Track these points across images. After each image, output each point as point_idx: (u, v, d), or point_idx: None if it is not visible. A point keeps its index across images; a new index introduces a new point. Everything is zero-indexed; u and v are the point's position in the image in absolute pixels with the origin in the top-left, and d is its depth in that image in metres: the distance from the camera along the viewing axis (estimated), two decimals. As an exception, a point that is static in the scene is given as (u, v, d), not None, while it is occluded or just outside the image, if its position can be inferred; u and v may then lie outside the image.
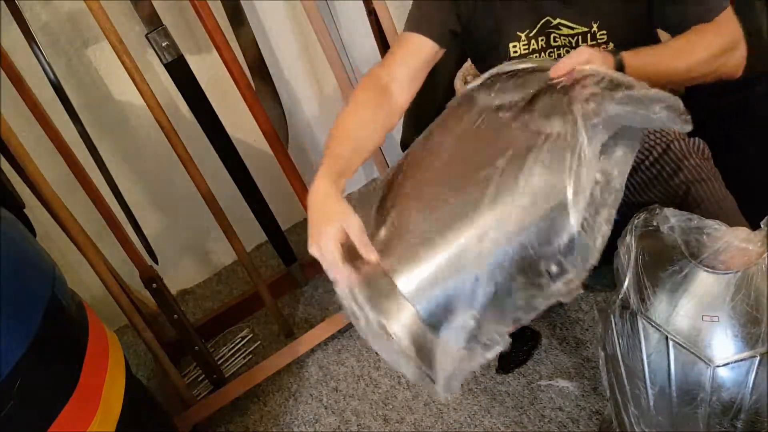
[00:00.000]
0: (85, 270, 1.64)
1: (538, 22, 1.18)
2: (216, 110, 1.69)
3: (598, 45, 1.18)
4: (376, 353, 1.11)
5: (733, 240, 1.00)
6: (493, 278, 0.94)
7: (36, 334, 1.04)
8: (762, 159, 1.35)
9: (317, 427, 1.69)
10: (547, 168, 0.92)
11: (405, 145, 1.49)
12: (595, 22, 1.16)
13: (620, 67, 1.00)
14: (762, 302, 0.96)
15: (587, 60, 0.98)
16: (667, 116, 0.89)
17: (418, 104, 1.38)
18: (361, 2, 1.75)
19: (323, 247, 0.97)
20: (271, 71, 1.85)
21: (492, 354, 0.96)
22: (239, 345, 1.98)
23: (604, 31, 1.16)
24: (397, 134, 1.52)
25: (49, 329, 1.07)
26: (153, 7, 1.52)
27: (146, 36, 1.52)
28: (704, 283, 0.99)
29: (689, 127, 0.91)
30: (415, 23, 1.20)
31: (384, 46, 1.76)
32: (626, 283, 1.07)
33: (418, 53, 1.19)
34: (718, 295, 0.98)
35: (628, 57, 1.02)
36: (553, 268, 0.93)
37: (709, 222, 1.04)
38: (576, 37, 1.18)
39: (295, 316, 2.02)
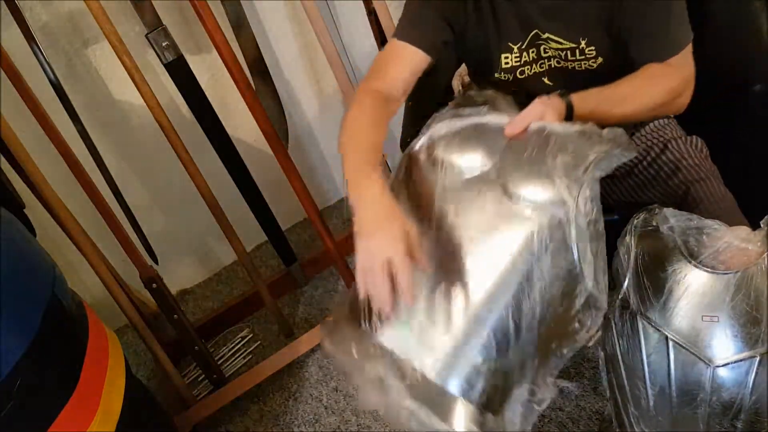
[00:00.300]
0: (85, 270, 1.64)
1: (528, 35, 1.18)
2: (216, 110, 1.70)
3: (587, 60, 1.18)
4: None
5: (733, 240, 1.00)
6: (533, 355, 0.97)
7: (36, 334, 1.04)
8: (761, 158, 1.35)
9: (317, 427, 1.69)
10: (554, 252, 0.95)
11: (405, 145, 1.49)
12: (583, 39, 1.16)
13: (570, 110, 1.02)
14: (762, 302, 0.96)
15: (541, 115, 0.99)
16: (621, 152, 0.96)
17: (418, 104, 1.38)
18: (361, 2, 1.75)
19: (386, 237, 0.92)
20: (271, 71, 1.85)
21: (545, 405, 0.99)
22: (239, 345, 1.98)
23: (593, 48, 1.17)
24: (398, 135, 1.52)
25: (49, 329, 1.07)
26: (153, 7, 1.52)
27: (146, 36, 1.52)
28: (704, 283, 1.00)
29: (634, 153, 0.98)
30: (407, 33, 1.20)
31: (384, 46, 1.76)
32: (626, 283, 1.07)
33: (410, 65, 1.20)
34: (718, 296, 0.98)
35: (577, 102, 1.04)
36: (576, 326, 0.97)
37: (709, 222, 1.04)
38: (565, 52, 1.18)
39: (295, 316, 2.02)
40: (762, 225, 1.01)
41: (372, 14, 1.73)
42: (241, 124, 1.93)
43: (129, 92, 1.71)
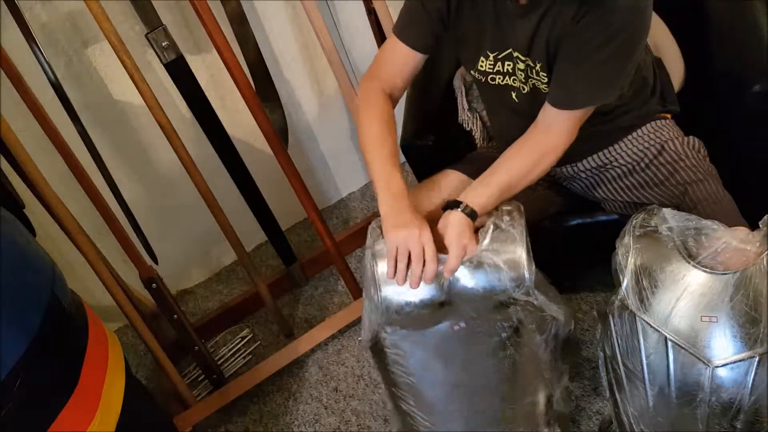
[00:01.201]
0: (85, 270, 1.64)
1: (506, 50, 1.20)
2: (216, 110, 1.70)
3: (542, 82, 1.19)
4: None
5: (732, 240, 1.00)
6: None
7: (36, 334, 1.04)
8: (760, 158, 1.35)
9: (317, 427, 1.69)
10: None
11: (405, 145, 1.49)
12: (539, 62, 1.17)
13: (474, 216, 1.14)
14: (760, 302, 0.96)
15: (464, 244, 1.11)
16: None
17: (418, 104, 1.38)
18: (361, 2, 1.75)
19: (406, 231, 1.10)
20: (271, 71, 1.85)
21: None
22: (239, 345, 1.98)
23: (545, 73, 1.18)
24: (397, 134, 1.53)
25: (49, 329, 1.07)
26: (153, 7, 1.52)
27: (146, 36, 1.52)
28: (703, 283, 1.00)
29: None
30: (403, 31, 1.26)
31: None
32: (625, 283, 1.07)
33: (406, 63, 1.27)
34: (717, 296, 0.98)
35: (476, 205, 1.14)
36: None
37: (707, 222, 1.04)
38: (527, 69, 1.20)
39: (295, 316, 2.02)
40: (761, 225, 1.01)
41: (372, 14, 1.73)
42: (241, 124, 1.93)
43: (129, 92, 1.71)
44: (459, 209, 1.13)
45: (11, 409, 0.99)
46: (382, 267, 1.15)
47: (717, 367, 0.99)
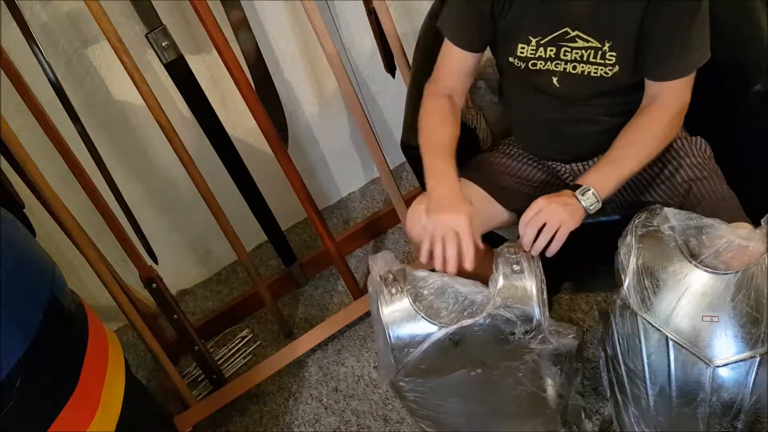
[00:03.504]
0: (85, 270, 1.64)
1: (555, 32, 1.19)
2: (216, 110, 1.69)
3: (605, 65, 1.19)
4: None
5: (735, 238, 1.00)
6: None
7: (36, 334, 1.04)
8: (761, 158, 1.35)
9: (317, 427, 1.69)
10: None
11: (405, 144, 1.49)
12: (608, 42, 1.17)
13: (595, 200, 1.13)
14: (762, 302, 0.96)
15: (559, 223, 1.11)
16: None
17: (418, 103, 1.38)
18: (361, 2, 1.75)
19: (456, 214, 1.13)
20: (271, 71, 1.85)
21: None
22: (239, 345, 1.98)
23: (614, 53, 1.18)
24: (398, 134, 1.52)
25: (49, 329, 1.07)
26: (153, 7, 1.51)
27: (146, 36, 1.52)
28: (704, 283, 0.99)
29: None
30: (453, 34, 1.29)
31: (384, 46, 1.76)
32: (627, 283, 1.07)
33: (464, 66, 1.30)
34: (719, 296, 0.98)
35: (598, 185, 1.14)
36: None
37: (709, 221, 1.04)
38: (588, 51, 1.19)
39: (295, 316, 2.02)
40: (762, 223, 1.01)
41: (372, 14, 1.73)
42: (241, 124, 1.92)
43: (129, 92, 1.71)
44: (583, 199, 1.13)
45: (11, 409, 0.99)
46: (387, 310, 1.15)
47: (718, 366, 0.99)
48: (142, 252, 1.74)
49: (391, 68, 1.84)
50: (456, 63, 1.30)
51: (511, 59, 1.27)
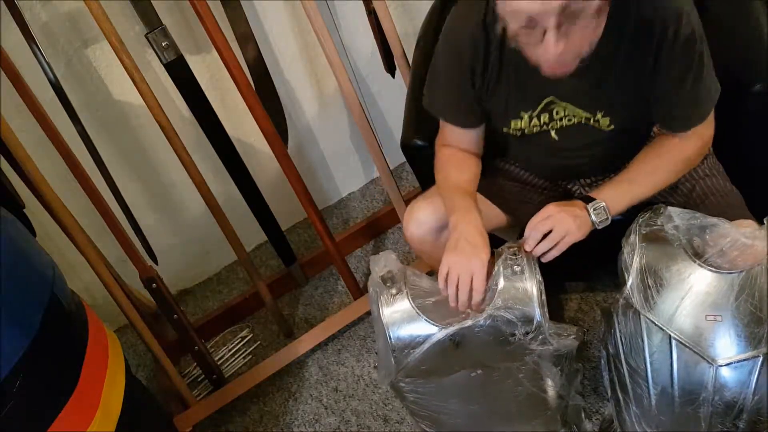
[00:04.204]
0: (85, 270, 1.64)
1: (542, 102, 1.18)
2: (216, 110, 1.69)
3: (599, 126, 1.18)
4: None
5: (739, 237, 0.99)
6: None
7: (36, 334, 1.03)
8: (761, 158, 1.35)
9: (317, 427, 1.69)
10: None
11: (405, 145, 1.49)
12: (600, 112, 1.16)
13: (605, 216, 1.13)
14: (765, 302, 0.96)
15: (565, 232, 1.10)
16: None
17: (418, 104, 1.38)
18: (361, 2, 1.75)
19: (473, 257, 1.11)
20: (271, 71, 1.85)
21: None
22: (239, 345, 1.98)
23: (608, 118, 1.17)
24: (398, 134, 1.52)
25: (49, 329, 1.07)
26: (153, 7, 1.51)
27: (146, 36, 1.52)
28: (708, 282, 0.99)
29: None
30: (451, 116, 1.27)
31: (384, 46, 1.76)
32: (630, 282, 1.06)
33: (472, 138, 1.29)
34: (722, 295, 0.98)
35: (611, 202, 1.13)
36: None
37: (713, 220, 1.03)
38: (579, 119, 1.19)
39: (295, 316, 2.02)
40: (766, 222, 1.01)
41: (372, 14, 1.73)
42: (241, 124, 1.92)
43: (129, 92, 1.71)
44: (594, 214, 1.13)
45: (11, 409, 0.99)
46: (388, 311, 1.15)
47: (721, 366, 0.99)
48: (142, 252, 1.73)
49: (391, 68, 1.84)
50: (464, 138, 1.29)
51: (506, 130, 1.25)
